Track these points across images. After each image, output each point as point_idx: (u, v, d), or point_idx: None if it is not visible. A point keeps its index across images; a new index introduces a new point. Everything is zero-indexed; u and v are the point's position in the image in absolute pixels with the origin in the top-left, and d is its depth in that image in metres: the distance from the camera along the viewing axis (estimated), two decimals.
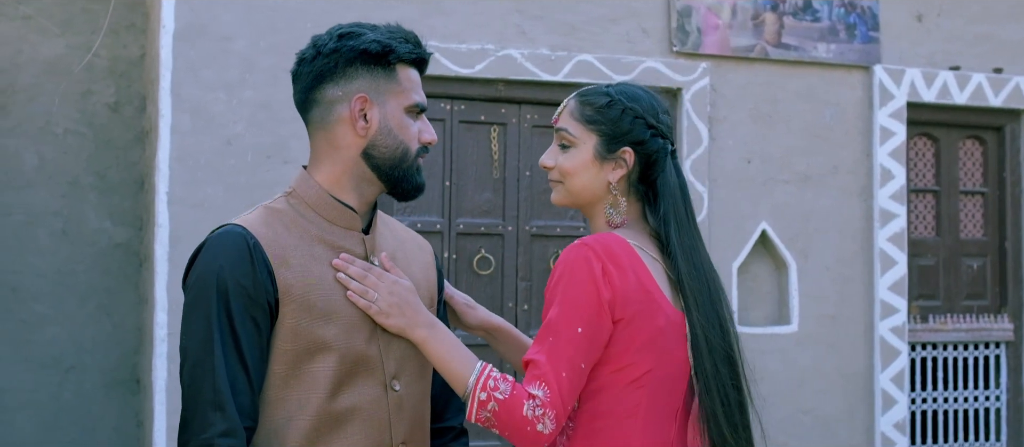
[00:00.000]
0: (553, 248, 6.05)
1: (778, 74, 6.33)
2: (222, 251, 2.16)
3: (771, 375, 6.24)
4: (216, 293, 2.12)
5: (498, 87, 5.95)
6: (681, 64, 6.14)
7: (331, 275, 2.22)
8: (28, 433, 6.28)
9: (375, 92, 2.27)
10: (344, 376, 2.20)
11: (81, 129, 6.48)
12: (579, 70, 5.97)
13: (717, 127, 6.21)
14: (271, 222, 2.23)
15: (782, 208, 6.31)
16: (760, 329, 6.27)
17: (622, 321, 2.27)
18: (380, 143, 2.27)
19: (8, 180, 6.36)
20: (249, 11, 5.53)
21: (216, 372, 2.09)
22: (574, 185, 2.40)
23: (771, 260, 6.40)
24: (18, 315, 6.32)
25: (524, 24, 5.95)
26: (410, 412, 2.30)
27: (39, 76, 6.42)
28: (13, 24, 6.39)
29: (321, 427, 2.18)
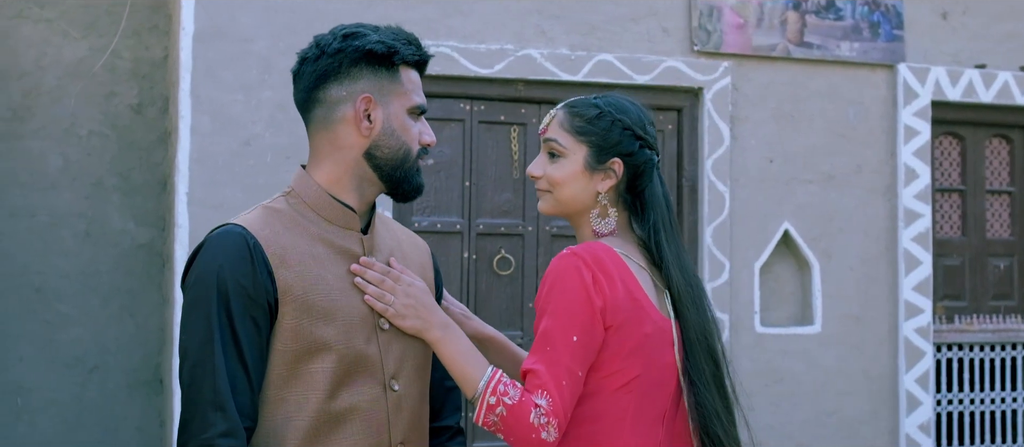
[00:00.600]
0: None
1: (801, 73, 6.29)
2: (222, 251, 2.16)
3: (794, 376, 6.20)
4: (216, 293, 2.12)
5: (518, 87, 5.93)
6: (702, 63, 6.10)
7: (330, 275, 2.22)
8: (51, 433, 6.32)
9: (379, 93, 2.28)
10: (343, 376, 2.19)
11: (104, 131, 6.51)
12: (599, 70, 5.95)
13: (739, 127, 6.17)
14: (271, 222, 2.23)
15: (805, 208, 6.27)
16: (783, 330, 6.22)
17: (612, 328, 2.31)
18: (383, 144, 2.28)
19: (32, 182, 6.41)
20: (268, 13, 5.54)
21: (216, 372, 2.09)
22: (563, 195, 2.45)
23: (794, 260, 6.35)
24: (42, 316, 6.36)
25: (543, 24, 5.93)
26: (409, 412, 2.30)
27: (63, 78, 6.47)
28: (37, 27, 6.44)
29: (320, 427, 2.18)
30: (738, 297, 6.11)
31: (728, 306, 6.07)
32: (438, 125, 5.87)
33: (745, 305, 6.12)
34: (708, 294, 2.58)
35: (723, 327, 6.04)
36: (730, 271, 6.08)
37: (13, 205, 6.38)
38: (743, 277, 6.13)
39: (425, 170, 5.70)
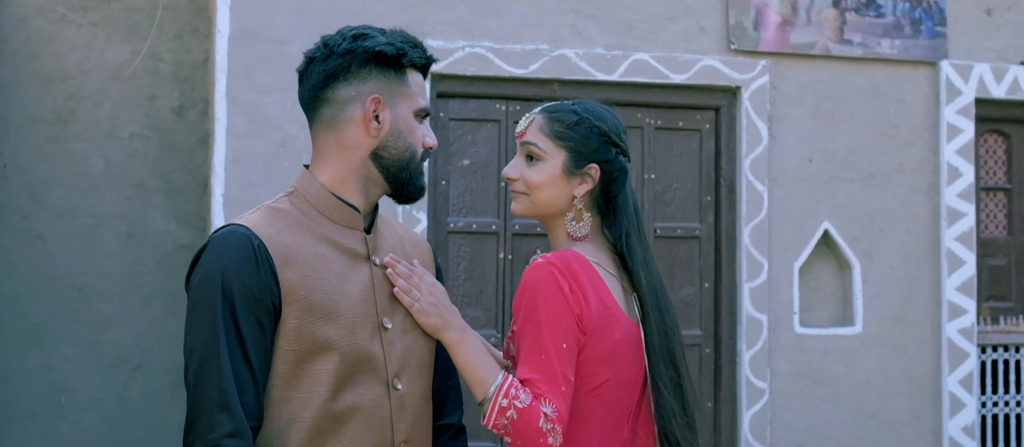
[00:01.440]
0: None
1: (841, 71, 6.22)
2: (226, 251, 2.16)
3: (834, 377, 6.13)
4: (221, 294, 2.13)
5: (553, 87, 5.92)
6: (739, 62, 6.05)
7: (334, 275, 2.23)
8: (95, 432, 6.40)
9: (388, 94, 2.30)
10: (346, 375, 2.20)
11: (146, 133, 6.59)
12: (635, 69, 5.93)
13: (777, 125, 6.12)
14: (275, 222, 2.24)
15: (845, 207, 6.20)
16: (823, 330, 6.16)
17: (586, 335, 2.39)
18: (390, 145, 2.31)
19: (75, 184, 6.49)
20: (302, 14, 5.57)
21: (222, 373, 2.10)
22: (540, 198, 2.50)
23: (834, 260, 6.28)
24: (85, 316, 6.44)
25: (579, 23, 5.91)
26: (412, 411, 2.30)
27: (105, 81, 6.55)
28: (79, 31, 6.52)
29: (324, 426, 2.18)
30: (776, 297, 6.05)
31: (766, 306, 6.01)
32: (474, 126, 5.88)
33: (784, 305, 6.07)
34: (671, 300, 2.63)
35: (761, 327, 5.99)
36: (768, 271, 6.03)
37: (56, 207, 6.47)
38: (782, 277, 6.07)
39: (461, 171, 5.75)
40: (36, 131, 6.48)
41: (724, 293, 6.08)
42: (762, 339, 6.00)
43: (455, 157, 5.87)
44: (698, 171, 6.15)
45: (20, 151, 6.44)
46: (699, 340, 6.10)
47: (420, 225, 5.63)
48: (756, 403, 5.99)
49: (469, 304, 5.84)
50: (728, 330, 6.06)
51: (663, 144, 6.11)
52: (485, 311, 5.86)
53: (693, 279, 6.12)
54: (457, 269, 5.83)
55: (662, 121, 6.11)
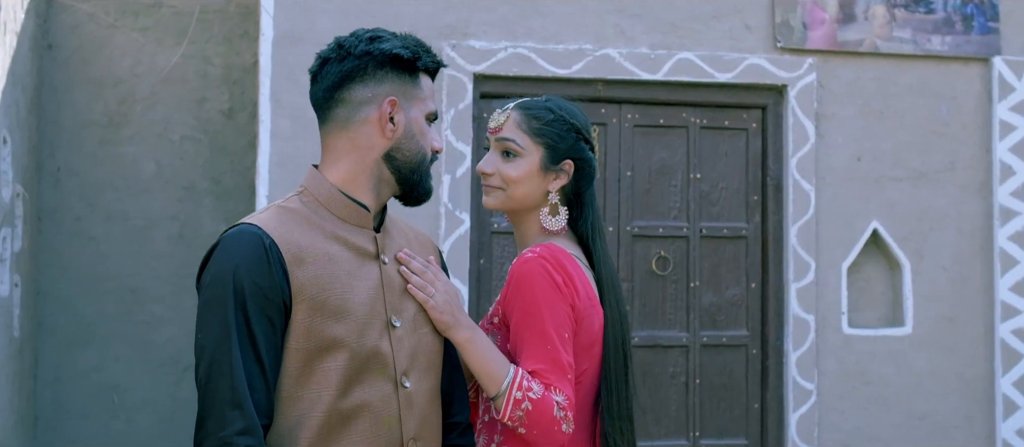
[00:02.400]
0: (655, 249, 5.98)
1: (890, 68, 6.14)
2: (238, 250, 2.17)
3: (884, 378, 6.05)
4: (233, 292, 2.14)
5: (597, 87, 5.90)
6: (786, 60, 6.00)
7: (343, 273, 2.24)
8: (147, 431, 6.49)
9: (403, 97, 2.33)
10: (355, 373, 2.21)
11: (197, 136, 6.67)
12: (680, 68, 5.89)
13: (825, 124, 6.05)
14: (285, 221, 2.25)
15: (895, 206, 6.11)
16: (872, 331, 6.08)
17: (577, 324, 2.47)
18: (404, 147, 2.33)
19: (127, 186, 6.59)
20: (346, 17, 5.61)
21: (234, 371, 2.10)
22: (517, 192, 2.56)
23: (884, 260, 6.20)
24: (138, 316, 6.54)
25: (623, 23, 5.89)
26: (420, 409, 2.31)
27: (156, 85, 6.64)
28: (131, 36, 6.61)
29: (333, 424, 2.19)
30: (824, 298, 5.99)
31: (814, 307, 5.95)
32: None
33: (832, 306, 6.00)
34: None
35: (808, 328, 5.93)
36: (816, 271, 5.96)
37: (109, 209, 6.57)
38: (830, 277, 6.00)
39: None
40: (88, 135, 6.58)
41: (771, 293, 6.02)
42: (809, 340, 5.94)
43: None
44: (744, 170, 6.10)
45: (73, 155, 6.55)
46: (745, 341, 6.05)
47: (463, 226, 5.64)
48: (803, 404, 5.92)
49: None
50: (775, 330, 6.00)
51: (709, 143, 6.07)
52: None
53: (739, 279, 6.07)
54: (500, 270, 5.84)
55: (708, 120, 6.07)
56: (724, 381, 6.04)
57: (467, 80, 5.70)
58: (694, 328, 6.01)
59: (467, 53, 5.70)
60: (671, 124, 6.05)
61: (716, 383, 6.03)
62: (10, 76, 5.52)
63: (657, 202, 6.01)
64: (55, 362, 6.45)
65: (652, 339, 5.96)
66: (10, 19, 5.46)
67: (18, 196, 5.75)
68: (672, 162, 6.04)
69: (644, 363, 5.95)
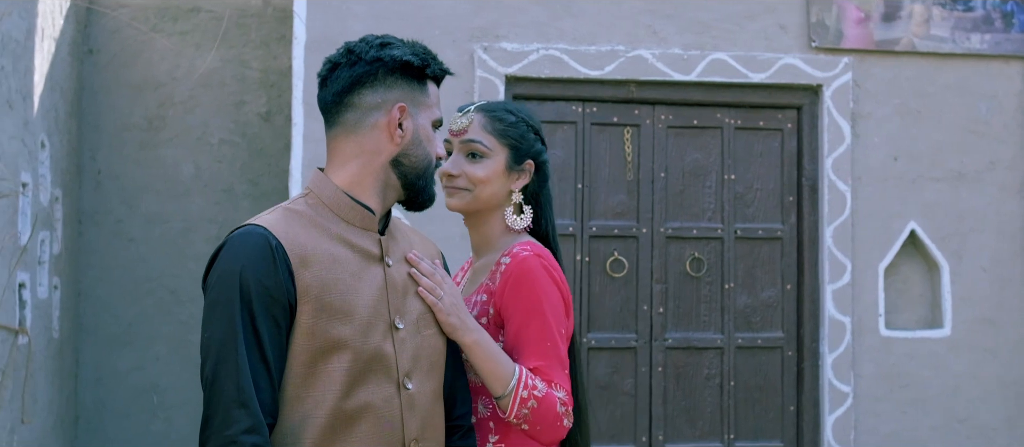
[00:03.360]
0: (689, 250, 5.95)
1: (927, 67, 6.06)
2: (244, 251, 2.20)
3: (922, 381, 5.98)
4: (239, 293, 2.16)
5: (630, 88, 5.89)
6: (821, 59, 5.95)
7: (348, 275, 2.27)
8: (186, 430, 6.56)
9: (412, 103, 2.36)
10: (358, 374, 2.24)
11: (235, 139, 6.73)
12: (713, 69, 5.86)
13: (861, 124, 5.99)
14: (291, 222, 2.29)
15: (933, 207, 6.04)
16: (910, 333, 6.01)
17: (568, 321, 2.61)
18: (412, 152, 2.37)
19: (166, 189, 6.66)
20: (378, 21, 5.63)
21: (240, 370, 2.13)
22: (484, 193, 2.65)
23: (922, 261, 6.13)
24: (177, 317, 6.61)
25: (656, 24, 5.87)
26: (422, 410, 2.33)
27: (195, 89, 6.71)
28: (170, 40, 6.69)
29: (336, 425, 2.22)
30: (861, 299, 5.93)
31: (850, 308, 5.89)
32: (550, 128, 5.88)
33: (868, 307, 5.94)
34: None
35: (845, 330, 5.87)
36: (852, 272, 5.91)
37: (148, 211, 6.65)
38: (866, 278, 5.94)
39: None
40: (128, 138, 6.66)
41: (806, 295, 5.98)
42: (845, 342, 5.88)
43: None
44: (780, 171, 6.05)
45: (113, 158, 6.64)
46: (781, 342, 6.01)
47: None
48: (839, 407, 5.87)
49: None
50: (810, 332, 5.96)
51: (743, 144, 6.03)
52: None
53: (775, 281, 6.03)
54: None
55: (742, 121, 6.03)
56: (759, 383, 6.00)
57: (499, 82, 5.70)
58: (729, 330, 5.97)
59: (499, 55, 5.71)
60: (705, 125, 6.02)
61: (751, 385, 5.99)
62: (49, 81, 5.61)
63: (691, 203, 5.99)
64: (96, 363, 6.54)
65: (686, 341, 5.94)
66: (48, 25, 5.54)
67: (57, 199, 5.83)
68: (706, 163, 6.01)
69: (678, 365, 5.93)
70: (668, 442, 5.90)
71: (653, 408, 5.89)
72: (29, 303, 5.15)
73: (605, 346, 5.88)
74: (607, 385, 5.88)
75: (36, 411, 5.37)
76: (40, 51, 5.38)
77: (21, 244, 5.02)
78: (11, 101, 4.74)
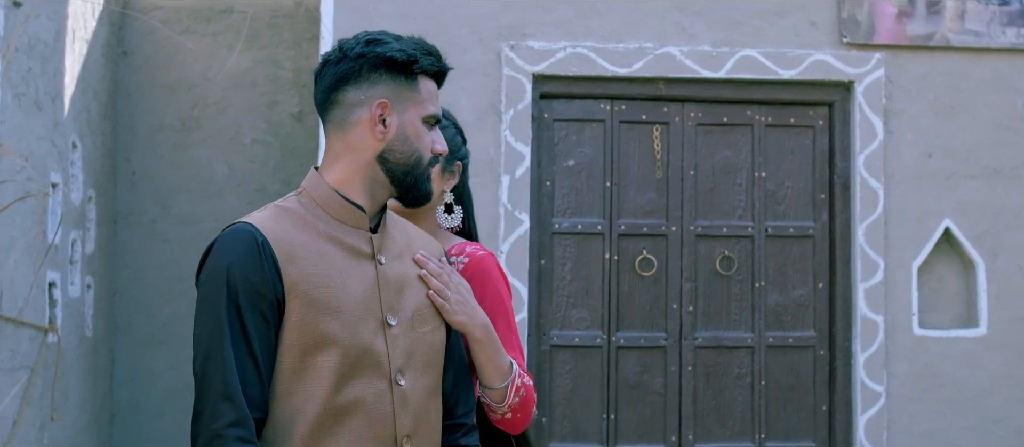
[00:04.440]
0: (719, 249, 5.91)
1: (962, 62, 5.98)
2: (231, 248, 2.22)
3: (956, 381, 5.90)
4: (226, 289, 2.18)
5: (658, 86, 5.86)
6: (853, 56, 5.88)
7: (337, 271, 2.27)
8: None
9: (396, 99, 2.33)
10: (348, 370, 2.23)
11: (267, 139, 6.78)
12: (742, 66, 5.82)
13: (894, 120, 5.92)
14: (280, 219, 2.29)
15: (968, 204, 5.95)
16: (944, 332, 5.93)
17: None
18: (396, 149, 2.34)
19: (200, 189, 6.72)
20: (404, 20, 5.64)
21: (226, 365, 2.14)
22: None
23: (957, 259, 6.04)
24: None
25: (684, 21, 5.84)
26: (415, 406, 2.32)
27: (228, 89, 6.76)
28: (203, 41, 6.75)
29: (326, 420, 2.22)
30: (894, 298, 5.86)
31: (883, 307, 5.83)
32: (578, 126, 5.86)
33: (902, 306, 5.87)
34: None
35: (877, 329, 5.81)
36: (885, 271, 5.84)
37: (182, 212, 6.71)
38: (899, 277, 5.87)
39: (565, 172, 5.75)
40: (162, 139, 6.73)
41: (838, 293, 5.91)
42: (878, 341, 5.82)
43: (560, 158, 5.86)
44: (811, 168, 6.00)
45: (148, 159, 6.70)
46: (813, 341, 5.95)
47: (523, 226, 5.64)
48: (872, 407, 5.81)
49: (574, 305, 5.83)
50: (843, 331, 5.89)
51: (774, 141, 5.98)
52: (591, 312, 5.83)
53: (806, 279, 5.97)
54: (562, 270, 5.82)
55: (773, 118, 5.98)
56: (791, 382, 5.94)
57: (526, 81, 5.69)
58: (759, 329, 5.92)
59: (526, 53, 5.70)
60: (735, 122, 5.97)
61: (782, 384, 5.94)
62: (80, 83, 5.67)
63: (721, 201, 5.94)
64: (131, 362, 6.60)
65: (716, 340, 5.90)
66: (79, 27, 5.60)
67: (90, 200, 5.90)
68: (736, 160, 5.96)
69: (708, 364, 5.89)
70: (698, 442, 5.86)
71: (683, 408, 5.86)
72: (60, 302, 5.21)
73: (634, 345, 5.85)
74: (636, 384, 5.85)
75: (67, 409, 5.43)
76: (71, 53, 5.44)
77: (51, 243, 5.08)
78: (39, 102, 4.80)
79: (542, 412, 5.76)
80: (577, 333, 5.83)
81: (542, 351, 5.78)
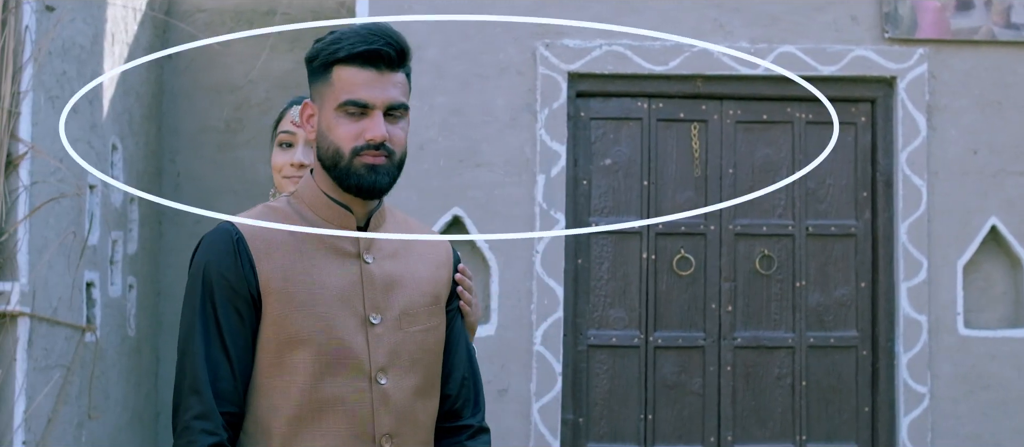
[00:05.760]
0: (759, 247, 5.84)
1: (1008, 57, 5.85)
2: (211, 246, 2.27)
3: (1004, 382, 5.77)
4: (201, 285, 2.23)
5: (696, 83, 5.80)
6: (895, 51, 5.78)
7: (316, 269, 2.28)
8: None
9: (318, 96, 2.32)
10: (325, 367, 2.24)
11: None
12: (781, 62, 5.74)
13: (937, 116, 5.81)
14: (263, 217, 2.32)
15: (1016, 202, 5.82)
16: (991, 332, 5.81)
17: None
18: (320, 145, 2.31)
19: (244, 190, 6.78)
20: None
21: (196, 359, 2.19)
22: None
23: (1004, 257, 5.91)
24: None
25: (722, 17, 5.78)
26: (398, 406, 2.30)
27: (271, 90, 6.82)
28: (246, 43, 6.81)
29: (302, 416, 2.23)
30: (937, 297, 5.75)
31: (926, 307, 5.72)
32: (615, 124, 5.83)
33: (946, 306, 5.76)
34: None
35: (921, 329, 5.70)
36: (928, 270, 5.73)
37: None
38: (944, 276, 5.76)
39: (602, 170, 5.71)
40: (207, 140, 6.80)
41: (881, 293, 5.82)
42: (922, 341, 5.71)
43: (596, 157, 5.83)
44: (853, 166, 5.90)
45: (192, 160, 6.78)
46: (855, 342, 5.86)
47: (558, 225, 5.62)
48: (915, 408, 5.70)
49: (612, 304, 5.79)
50: (885, 331, 5.80)
51: (815, 139, 5.90)
52: (628, 312, 5.79)
53: (849, 278, 5.88)
54: (599, 269, 5.79)
55: (813, 115, 5.90)
56: (832, 383, 5.86)
57: (561, 79, 5.67)
58: (800, 329, 5.84)
59: (561, 52, 5.68)
60: (775, 120, 5.90)
61: (824, 385, 5.85)
62: (121, 85, 5.74)
63: (761, 200, 5.87)
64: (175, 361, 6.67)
65: (755, 340, 5.83)
66: (119, 31, 5.68)
67: (132, 201, 5.97)
68: (776, 158, 5.89)
69: (747, 364, 5.82)
70: (737, 443, 5.80)
71: (722, 408, 5.80)
72: (99, 301, 5.28)
73: (672, 345, 5.80)
74: (674, 384, 5.80)
75: (108, 407, 5.50)
76: (110, 56, 5.52)
77: (89, 244, 5.15)
78: (75, 105, 4.86)
79: (579, 412, 5.73)
80: (614, 333, 5.79)
81: (579, 351, 5.75)
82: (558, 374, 5.61)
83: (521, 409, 5.60)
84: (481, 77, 5.68)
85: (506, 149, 5.67)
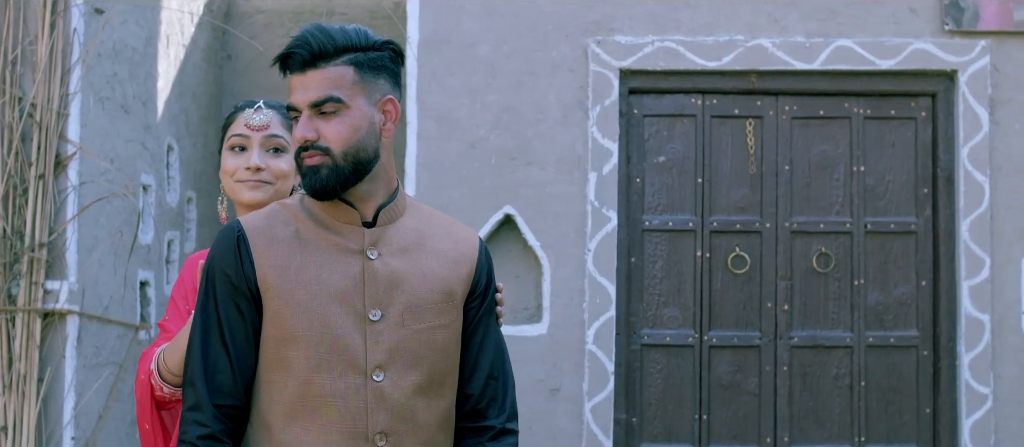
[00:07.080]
0: (816, 245, 5.74)
1: None
2: (217, 244, 2.34)
3: None
4: (206, 282, 2.32)
5: (751, 79, 5.72)
6: (956, 44, 5.65)
7: (313, 263, 2.29)
8: None
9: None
10: (319, 362, 2.26)
11: None
12: (838, 56, 5.64)
13: (1000, 110, 5.67)
14: (272, 216, 2.35)
15: None
16: None
17: None
18: None
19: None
20: (491, 17, 5.63)
21: (194, 353, 2.29)
22: (285, 186, 2.76)
23: None
24: None
25: (776, 12, 5.69)
26: (394, 404, 2.29)
27: None
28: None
29: (298, 411, 2.27)
30: (1001, 296, 5.60)
31: (989, 305, 5.58)
32: (669, 121, 5.78)
33: (1010, 304, 5.61)
34: None
35: (983, 328, 5.56)
36: (991, 268, 5.59)
37: None
38: (1007, 274, 5.61)
39: (656, 168, 5.66)
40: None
41: (942, 292, 5.69)
42: (984, 341, 5.57)
43: (649, 154, 5.77)
44: (913, 162, 5.78)
45: None
46: (916, 341, 5.74)
47: (610, 223, 5.57)
48: (978, 410, 5.56)
49: (666, 303, 5.73)
50: (947, 331, 5.67)
51: (874, 134, 5.79)
52: (683, 310, 5.73)
53: (909, 277, 5.76)
54: (653, 268, 5.73)
55: (872, 110, 5.79)
56: (892, 383, 5.74)
57: (613, 76, 5.62)
58: (859, 328, 5.73)
59: (613, 49, 5.63)
60: (832, 115, 5.80)
61: (883, 386, 5.74)
62: (176, 86, 5.80)
63: (818, 197, 5.78)
64: None
65: (813, 339, 5.73)
66: (174, 32, 5.74)
67: (189, 201, 6.03)
68: (834, 154, 5.79)
69: (805, 363, 5.73)
70: (793, 444, 5.70)
71: (778, 409, 5.71)
72: (153, 300, 5.34)
73: (727, 344, 5.73)
74: (729, 384, 5.72)
75: None
76: (165, 57, 5.57)
77: (142, 243, 5.21)
78: (127, 106, 4.92)
79: (632, 412, 5.68)
80: (668, 332, 5.73)
81: (632, 350, 5.70)
82: (611, 373, 5.57)
83: (573, 409, 5.56)
84: (533, 75, 5.65)
85: (558, 147, 5.63)
